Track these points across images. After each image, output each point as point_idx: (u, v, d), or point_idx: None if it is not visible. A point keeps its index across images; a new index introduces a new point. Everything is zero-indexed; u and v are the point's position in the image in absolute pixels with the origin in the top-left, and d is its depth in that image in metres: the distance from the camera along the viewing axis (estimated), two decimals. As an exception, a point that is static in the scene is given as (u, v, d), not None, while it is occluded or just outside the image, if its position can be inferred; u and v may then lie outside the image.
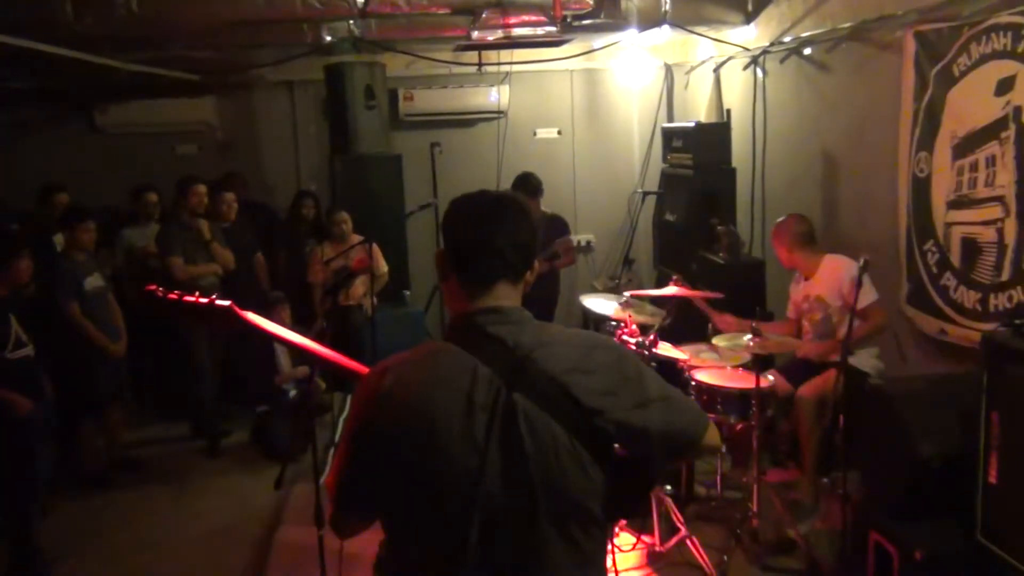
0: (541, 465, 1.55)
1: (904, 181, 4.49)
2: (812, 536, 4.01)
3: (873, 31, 4.73)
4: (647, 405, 1.63)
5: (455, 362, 1.60)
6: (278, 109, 7.58)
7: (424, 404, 1.56)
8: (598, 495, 1.61)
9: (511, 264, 1.68)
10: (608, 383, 1.61)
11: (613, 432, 1.60)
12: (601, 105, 7.89)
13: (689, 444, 1.70)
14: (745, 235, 6.25)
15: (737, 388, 4.12)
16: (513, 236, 1.67)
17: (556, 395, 1.57)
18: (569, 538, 1.59)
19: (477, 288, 1.67)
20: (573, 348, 1.64)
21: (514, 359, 1.59)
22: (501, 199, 1.74)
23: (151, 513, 4.99)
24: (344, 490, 1.65)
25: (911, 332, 4.53)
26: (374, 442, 1.59)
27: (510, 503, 1.54)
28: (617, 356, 1.68)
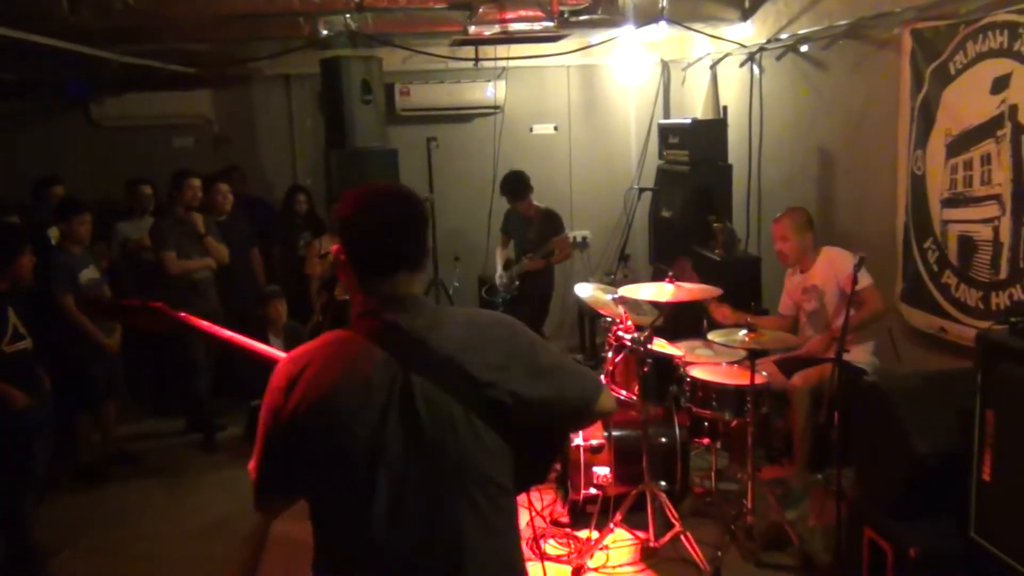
0: (440, 440, 1.66)
1: (903, 179, 4.50)
2: (806, 532, 4.02)
3: (870, 28, 4.73)
4: (539, 375, 1.75)
5: (356, 349, 1.71)
6: (274, 103, 7.56)
7: (329, 390, 1.66)
8: (501, 465, 1.74)
9: (407, 254, 1.78)
10: (500, 357, 1.73)
11: (510, 403, 1.70)
12: (598, 101, 7.89)
13: (583, 409, 1.84)
14: (741, 232, 6.26)
15: (732, 384, 4.14)
16: (406, 227, 1.77)
17: (451, 373, 1.68)
18: (474, 507, 1.69)
19: (376, 280, 1.77)
20: (465, 328, 1.76)
21: (410, 341, 1.70)
22: (392, 191, 1.82)
23: (147, 507, 4.99)
24: (263, 473, 1.75)
25: (906, 329, 4.54)
26: (285, 428, 1.68)
27: (414, 478, 1.65)
28: (509, 332, 1.80)
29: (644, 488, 4.09)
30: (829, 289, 4.45)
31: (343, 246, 1.79)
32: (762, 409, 4.15)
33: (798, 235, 4.57)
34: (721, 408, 4.15)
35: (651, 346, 4.25)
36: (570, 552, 4.18)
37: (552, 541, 4.28)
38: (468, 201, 7.49)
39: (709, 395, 4.18)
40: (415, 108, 7.46)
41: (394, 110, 7.36)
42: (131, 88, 7.08)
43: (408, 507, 1.65)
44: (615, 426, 4.37)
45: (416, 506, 1.66)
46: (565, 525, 4.42)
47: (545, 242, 5.89)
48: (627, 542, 4.18)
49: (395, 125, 7.32)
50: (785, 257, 4.67)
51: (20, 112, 7.05)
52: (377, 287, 1.77)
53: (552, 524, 4.45)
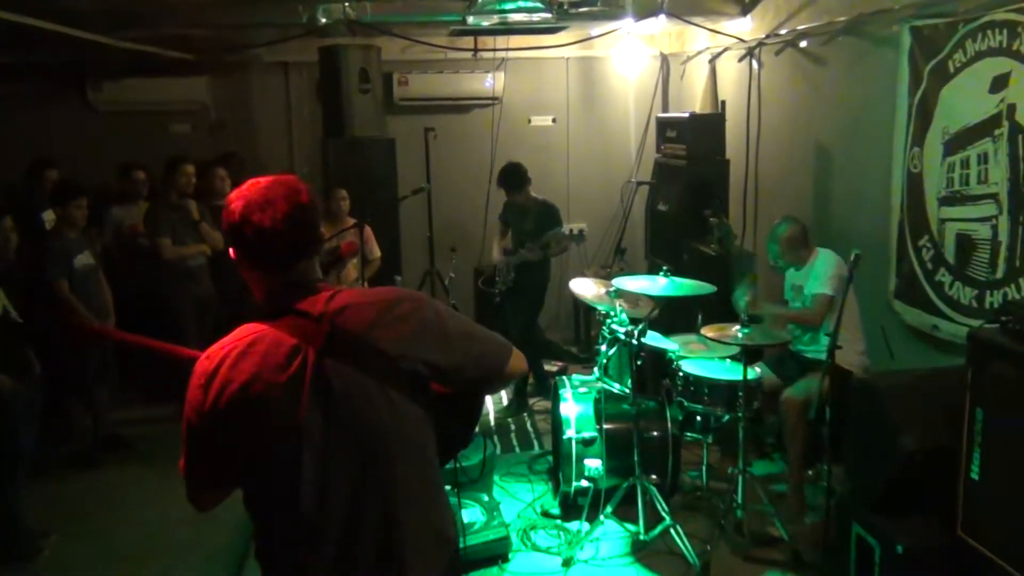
0: (359, 417, 1.73)
1: (898, 176, 4.50)
2: (795, 528, 4.04)
3: (869, 25, 4.72)
4: (448, 345, 1.82)
5: (269, 339, 1.75)
6: (272, 90, 7.53)
7: (245, 382, 1.70)
8: (422, 435, 1.83)
9: (304, 244, 1.83)
10: (409, 330, 1.79)
11: (424, 372, 1.79)
12: (597, 94, 7.87)
13: (495, 372, 1.92)
14: (737, 227, 6.25)
15: (724, 380, 4.14)
16: (299, 219, 1.80)
17: (362, 351, 1.75)
18: (401, 479, 1.77)
19: (279, 272, 1.82)
20: (371, 306, 1.81)
21: (319, 326, 1.75)
22: (278, 185, 1.82)
23: (138, 492, 4.98)
24: (192, 469, 1.81)
25: (899, 327, 4.54)
26: (207, 423, 1.73)
27: (339, 457, 1.72)
28: (416, 304, 1.86)
29: (635, 481, 4.10)
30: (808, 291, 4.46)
31: (235, 247, 1.83)
32: (754, 404, 4.15)
33: (788, 252, 4.56)
34: (713, 403, 4.15)
35: (645, 339, 4.25)
36: (560, 543, 4.19)
37: (542, 532, 4.29)
38: (465, 192, 7.48)
39: (701, 390, 4.18)
40: (413, 98, 7.44)
41: (392, 100, 7.35)
42: (128, 73, 7.05)
43: (335, 486, 1.72)
44: (607, 419, 4.38)
45: (343, 484, 1.73)
46: (555, 517, 4.43)
47: (542, 234, 5.88)
48: (617, 534, 4.19)
49: (393, 115, 7.31)
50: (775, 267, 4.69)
51: (16, 95, 7.00)
52: (279, 278, 1.82)
53: (542, 515, 4.46)
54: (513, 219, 6.28)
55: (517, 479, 4.92)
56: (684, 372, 4.25)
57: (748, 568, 3.91)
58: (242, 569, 4.06)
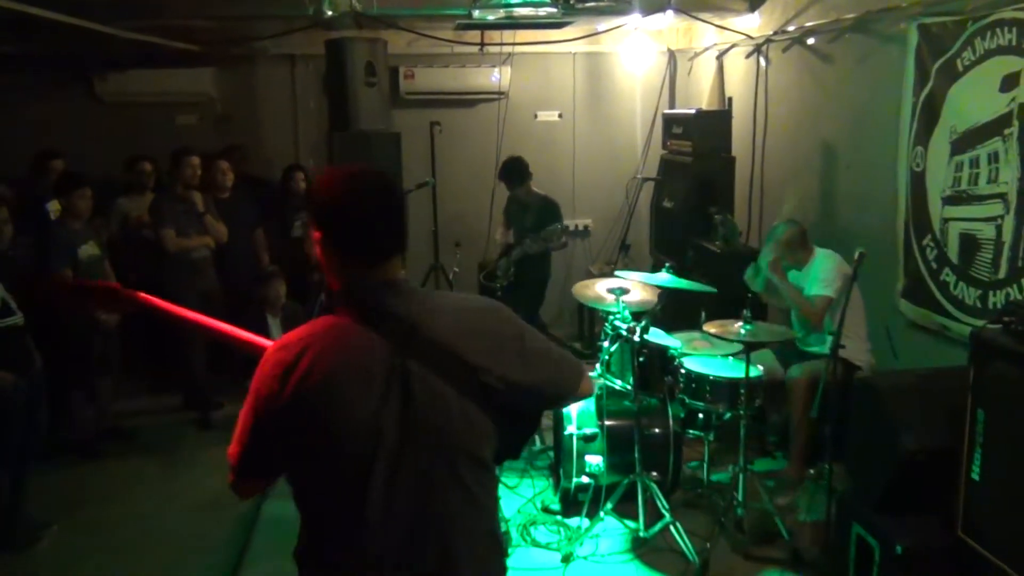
0: (435, 423, 1.69)
1: (903, 175, 4.48)
2: (795, 526, 4.03)
3: (877, 22, 4.70)
4: (528, 362, 1.80)
5: (352, 335, 1.72)
6: (278, 83, 7.52)
7: (325, 377, 1.66)
8: (488, 444, 1.78)
9: (396, 239, 1.80)
10: (491, 343, 1.77)
11: (499, 387, 1.74)
12: (603, 89, 7.84)
13: (568, 394, 1.91)
14: (742, 224, 6.24)
15: (726, 377, 4.13)
16: (398, 212, 1.80)
17: (445, 358, 1.72)
18: (463, 487, 1.74)
19: (369, 264, 1.76)
20: (458, 314, 1.79)
21: (406, 327, 1.72)
22: (374, 176, 1.80)
23: (140, 483, 5.00)
24: (247, 459, 1.76)
25: (906, 327, 4.52)
26: (280, 415, 1.68)
27: (409, 461, 1.68)
28: (499, 318, 1.84)
29: (636, 478, 4.09)
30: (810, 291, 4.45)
31: (328, 232, 1.77)
32: (756, 402, 4.14)
33: (787, 254, 4.57)
34: (715, 400, 4.14)
35: (647, 336, 4.23)
36: (560, 539, 4.19)
37: (542, 528, 4.29)
38: (470, 187, 7.47)
39: (703, 387, 4.17)
40: (419, 92, 7.42)
41: (398, 93, 7.33)
42: (134, 64, 7.05)
43: (402, 490, 1.68)
44: (609, 416, 4.37)
45: (409, 488, 1.69)
46: (556, 513, 4.43)
47: (542, 229, 5.87)
48: (617, 531, 4.18)
49: (399, 108, 7.29)
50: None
51: (21, 86, 7.01)
52: (366, 273, 1.76)
53: (543, 511, 4.45)
54: (514, 214, 6.27)
55: (517, 474, 4.92)
56: (686, 369, 4.23)
57: (748, 566, 3.89)
58: (242, 562, 4.07)
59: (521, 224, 6.13)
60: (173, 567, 4.11)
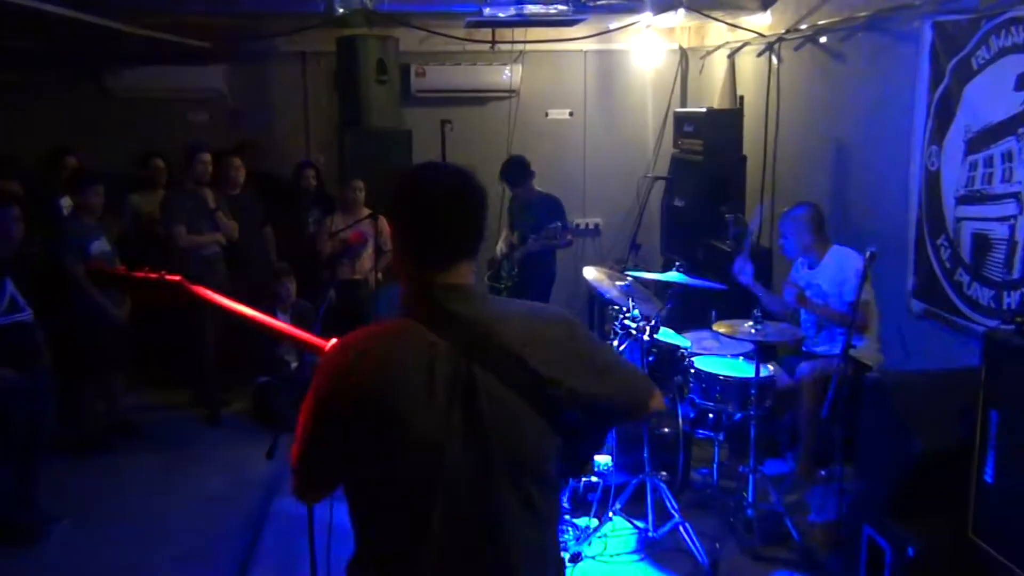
0: (500, 434, 1.62)
1: (916, 174, 4.44)
2: (806, 527, 4.00)
3: (890, 21, 4.66)
4: (598, 375, 1.73)
5: (416, 338, 1.64)
6: (290, 80, 7.52)
7: (386, 379, 1.60)
8: (551, 459, 1.71)
9: (472, 243, 1.72)
10: (562, 354, 1.69)
11: (567, 400, 1.68)
12: (614, 87, 7.81)
13: (637, 410, 1.85)
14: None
15: (736, 377, 4.11)
16: (474, 215, 1.71)
17: (513, 367, 1.64)
18: (527, 501, 1.67)
19: (438, 266, 1.69)
20: (529, 322, 1.73)
21: (473, 334, 1.64)
22: (462, 175, 1.74)
23: (149, 478, 5.01)
24: (306, 462, 1.69)
25: (916, 326, 4.49)
26: (336, 417, 1.63)
27: (472, 472, 1.61)
28: (570, 329, 1.77)
29: (645, 478, 4.08)
30: (832, 291, 4.41)
31: (403, 230, 1.72)
32: (766, 403, 4.12)
33: (796, 233, 4.52)
34: (725, 401, 4.12)
35: (657, 336, 4.22)
36: (568, 539, 4.17)
37: (550, 527, 4.27)
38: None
39: (713, 387, 4.15)
40: (430, 90, 7.41)
41: (409, 91, 7.32)
42: (147, 61, 7.07)
43: (464, 499, 1.62)
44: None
45: (472, 498, 1.62)
46: (564, 512, 4.41)
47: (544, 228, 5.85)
48: (626, 531, 4.17)
49: (410, 106, 7.29)
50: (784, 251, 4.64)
51: (34, 82, 7.03)
52: (437, 275, 1.69)
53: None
54: (517, 213, 6.24)
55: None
56: (696, 369, 4.22)
57: (757, 567, 3.87)
58: (252, 557, 4.08)
59: (524, 223, 6.11)
60: (182, 561, 4.12)
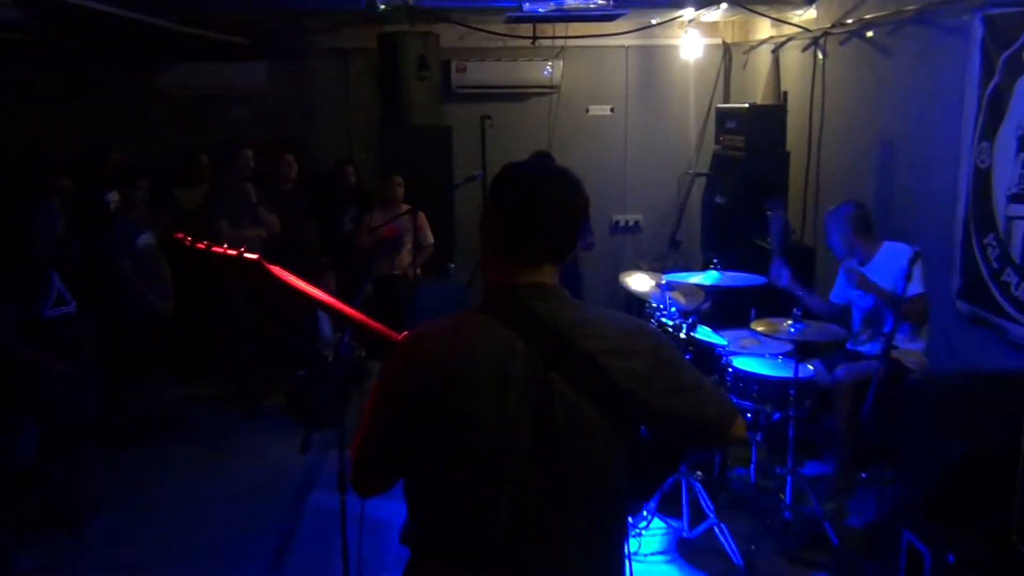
0: (573, 444, 1.55)
1: (964, 172, 4.33)
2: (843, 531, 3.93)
3: (939, 14, 4.55)
4: (679, 393, 1.64)
5: (492, 334, 1.58)
6: (331, 76, 7.57)
7: (458, 374, 1.56)
8: (623, 475, 1.63)
9: (559, 245, 1.66)
10: (644, 368, 1.60)
11: (644, 417, 1.63)
12: (656, 83, 7.74)
13: (716, 435, 1.72)
14: (796, 221, 6.11)
15: (775, 377, 4.04)
16: (566, 216, 1.65)
17: (592, 376, 1.57)
18: (594, 516, 1.60)
19: (522, 264, 1.65)
20: (612, 330, 1.63)
21: (553, 337, 1.58)
22: (559, 175, 1.68)
23: (188, 469, 5.10)
24: (369, 452, 1.67)
25: (962, 327, 4.38)
26: (404, 408, 1.59)
27: (540, 480, 1.55)
28: (654, 342, 1.67)
29: (680, 477, 4.04)
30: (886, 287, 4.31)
31: (495, 224, 1.68)
32: (806, 403, 4.05)
33: (843, 231, 4.43)
34: (763, 400, 4.06)
35: (694, 334, 4.17)
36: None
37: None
38: (520, 181, 7.44)
39: (751, 386, 4.09)
40: (471, 86, 7.41)
41: (450, 87, 7.34)
42: (191, 58, 7.17)
43: (528, 509, 1.56)
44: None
45: (536, 508, 1.56)
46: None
47: None
48: (660, 530, 4.13)
49: (450, 102, 7.31)
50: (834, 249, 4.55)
51: (80, 79, 7.17)
52: (523, 272, 1.64)
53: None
54: None
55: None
56: (734, 368, 4.16)
57: (794, 570, 3.81)
58: (288, 548, 4.13)
59: None
60: (219, 551, 4.18)
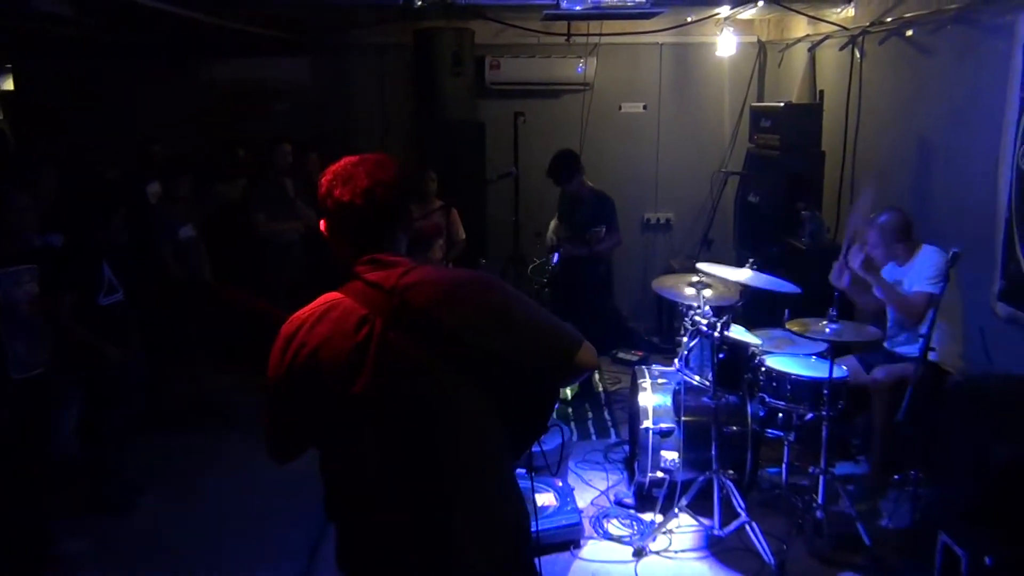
0: (413, 392, 1.78)
1: (1006, 173, 4.29)
2: (877, 532, 3.92)
3: (982, 14, 4.50)
4: (513, 330, 1.84)
5: (343, 309, 1.83)
6: (368, 72, 7.64)
7: (316, 348, 1.80)
8: (477, 417, 1.83)
9: (378, 220, 1.90)
10: (471, 312, 1.82)
11: (483, 357, 1.80)
12: (690, 81, 7.72)
13: (561, 364, 1.88)
14: (831, 220, 6.08)
15: (808, 377, 4.04)
16: (376, 195, 1.88)
17: (425, 327, 1.78)
18: (461, 462, 1.81)
19: (357, 244, 1.91)
20: (440, 285, 1.85)
21: (388, 300, 1.81)
22: (358, 163, 1.93)
23: (228, 457, 5.14)
24: (269, 426, 1.94)
25: (1001, 330, 4.34)
26: (281, 386, 1.86)
27: (397, 431, 1.79)
28: (483, 287, 1.88)
29: (712, 475, 4.05)
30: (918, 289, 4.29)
31: (326, 220, 1.94)
32: (839, 403, 4.04)
33: (884, 240, 4.41)
34: (796, 400, 4.05)
35: (728, 333, 4.18)
36: (633, 533, 4.18)
37: (615, 521, 4.29)
38: (552, 178, 7.46)
39: (784, 386, 4.09)
40: (504, 82, 7.44)
41: (484, 83, 7.38)
42: (233, 52, 7.28)
43: (390, 457, 1.79)
44: (686, 412, 4.33)
45: (397, 457, 1.79)
46: (629, 506, 4.42)
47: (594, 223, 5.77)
48: (691, 528, 4.15)
49: (484, 98, 7.35)
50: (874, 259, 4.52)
51: (124, 72, 7.30)
52: (358, 250, 1.90)
53: (616, 504, 4.45)
54: (565, 209, 6.20)
55: (592, 466, 4.92)
56: (767, 367, 4.16)
57: (826, 570, 3.81)
58: (323, 539, 4.19)
59: (573, 220, 6.05)
60: (256, 538, 4.25)
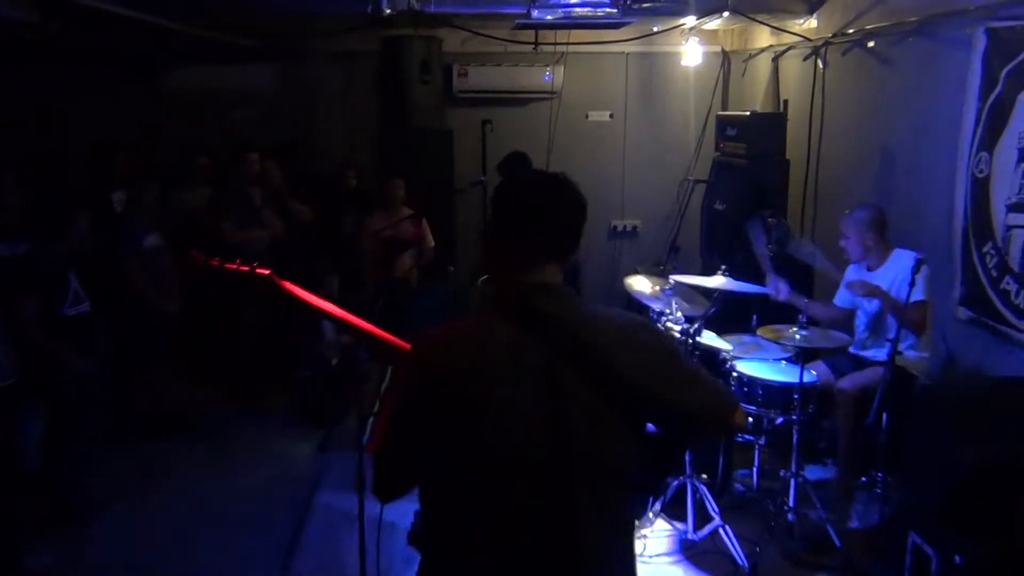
0: (584, 435, 1.63)
1: (962, 181, 4.40)
2: (848, 534, 3.98)
3: (941, 26, 4.62)
4: (682, 384, 1.73)
5: (503, 334, 1.67)
6: (333, 79, 7.59)
7: (471, 376, 1.63)
8: (631, 465, 1.72)
9: (564, 246, 1.76)
10: (647, 361, 1.70)
11: (649, 407, 1.71)
12: (655, 90, 7.81)
13: (719, 424, 1.83)
14: (796, 228, 6.17)
15: (779, 381, 4.09)
16: (569, 220, 1.75)
17: (599, 367, 1.66)
18: (603, 504, 1.68)
19: (528, 265, 1.73)
20: (616, 325, 1.74)
21: (560, 333, 1.66)
22: (558, 180, 1.79)
23: (194, 468, 5.09)
24: (389, 457, 1.73)
25: (962, 334, 4.44)
26: (421, 411, 1.66)
27: (553, 472, 1.62)
28: (656, 336, 1.80)
29: (685, 480, 4.08)
30: (892, 292, 4.37)
31: (500, 228, 1.77)
32: (809, 407, 4.10)
33: (859, 233, 4.48)
34: (767, 405, 4.11)
35: (699, 338, 4.22)
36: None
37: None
38: (520, 185, 7.47)
39: (756, 391, 4.14)
40: (472, 90, 7.45)
41: (451, 91, 7.38)
42: (196, 59, 7.18)
43: (542, 498, 1.62)
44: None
45: (549, 497, 1.63)
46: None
47: None
48: (665, 532, 4.17)
49: (451, 106, 7.35)
50: (847, 252, 4.59)
51: (84, 78, 7.15)
52: (527, 274, 1.73)
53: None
54: None
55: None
56: (738, 372, 4.21)
57: (798, 573, 3.86)
58: (295, 548, 4.14)
59: None
60: (225, 549, 4.18)
